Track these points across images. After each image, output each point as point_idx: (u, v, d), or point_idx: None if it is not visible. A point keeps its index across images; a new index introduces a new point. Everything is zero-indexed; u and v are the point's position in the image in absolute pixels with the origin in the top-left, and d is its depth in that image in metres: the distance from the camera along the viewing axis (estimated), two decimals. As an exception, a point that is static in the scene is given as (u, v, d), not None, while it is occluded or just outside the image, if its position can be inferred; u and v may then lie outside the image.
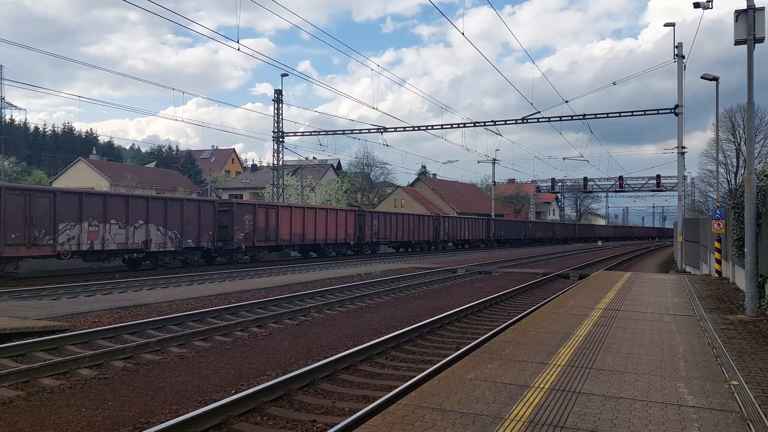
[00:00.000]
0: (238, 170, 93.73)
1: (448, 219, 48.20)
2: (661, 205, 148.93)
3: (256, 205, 28.09)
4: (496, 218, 60.73)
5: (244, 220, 26.55)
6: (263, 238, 27.89)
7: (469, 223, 51.54)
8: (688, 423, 4.63)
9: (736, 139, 50.26)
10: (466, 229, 50.64)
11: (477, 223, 53.46)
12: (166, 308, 12.78)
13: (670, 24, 27.18)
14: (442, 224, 45.87)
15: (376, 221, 37.68)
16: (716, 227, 16.64)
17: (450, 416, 4.69)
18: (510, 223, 62.73)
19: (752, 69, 10.69)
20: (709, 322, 9.57)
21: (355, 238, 35.45)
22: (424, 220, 44.25)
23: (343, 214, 34.67)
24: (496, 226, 57.26)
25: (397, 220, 40.52)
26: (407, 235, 41.62)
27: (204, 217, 24.60)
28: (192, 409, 6.03)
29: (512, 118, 37.89)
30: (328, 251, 33.79)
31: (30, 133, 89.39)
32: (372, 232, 37.14)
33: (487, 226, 55.17)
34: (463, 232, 49.91)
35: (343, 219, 34.40)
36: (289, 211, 30.07)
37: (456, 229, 48.38)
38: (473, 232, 51.92)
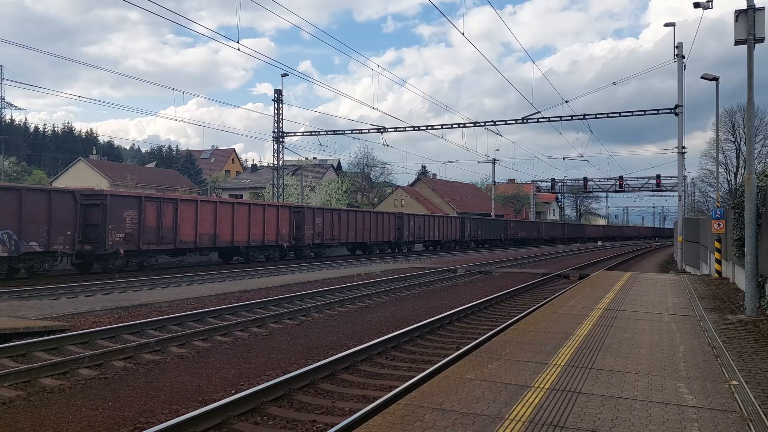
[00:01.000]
0: (238, 170, 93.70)
1: (414, 217, 43.75)
2: (661, 205, 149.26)
3: (143, 197, 22.74)
4: (472, 216, 55.91)
5: (123, 217, 21.38)
6: (154, 240, 22.54)
7: (439, 223, 47.08)
8: (688, 423, 4.63)
9: (736, 139, 50.27)
10: (436, 228, 46.12)
11: (449, 222, 48.84)
12: (166, 308, 12.78)
13: (670, 24, 27.21)
14: (407, 223, 41.90)
15: (319, 219, 32.80)
16: (716, 227, 16.64)
17: (450, 416, 4.69)
18: (488, 222, 57.54)
19: (752, 69, 10.69)
20: (709, 322, 9.57)
21: (291, 239, 30.54)
22: (383, 219, 39.78)
23: (273, 210, 29.23)
24: (472, 225, 52.55)
25: (348, 218, 35.65)
26: (362, 235, 36.80)
27: (59, 212, 19.18)
28: (192, 409, 6.03)
29: (512, 118, 37.93)
30: (253, 255, 28.49)
31: (30, 133, 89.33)
32: (314, 232, 32.33)
33: (461, 226, 50.49)
34: (432, 232, 45.40)
35: (274, 216, 29.11)
36: (193, 206, 24.38)
37: (424, 229, 44.10)
38: (444, 232, 47.40)
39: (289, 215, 30.08)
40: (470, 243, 52.80)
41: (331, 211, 34.56)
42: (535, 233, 68.79)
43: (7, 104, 78.25)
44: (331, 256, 36.11)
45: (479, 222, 55.04)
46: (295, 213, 30.62)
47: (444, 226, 47.65)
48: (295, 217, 30.82)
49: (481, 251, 48.08)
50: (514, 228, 62.13)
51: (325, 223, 33.09)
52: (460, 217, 52.69)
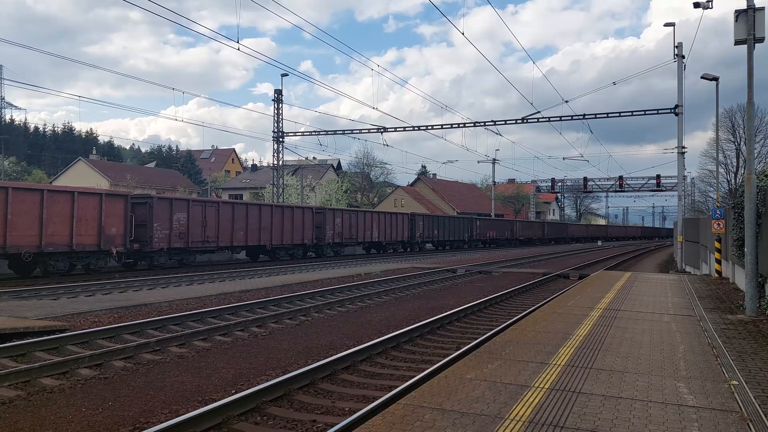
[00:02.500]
0: (238, 170, 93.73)
1: (342, 213, 34.52)
2: (661, 205, 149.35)
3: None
4: (426, 215, 47.35)
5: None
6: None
7: (378, 220, 37.72)
8: (688, 423, 4.63)
9: (736, 139, 50.31)
10: (375, 227, 37.09)
11: (393, 220, 39.78)
12: (166, 308, 12.78)
13: (670, 24, 27.20)
14: (330, 221, 32.71)
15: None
16: (716, 227, 16.64)
17: (450, 416, 4.69)
18: (448, 221, 48.66)
19: (752, 69, 10.69)
20: (709, 322, 9.57)
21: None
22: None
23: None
24: (425, 224, 44.17)
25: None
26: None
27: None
28: (192, 409, 6.03)
29: (512, 118, 37.92)
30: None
31: (30, 133, 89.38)
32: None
33: (411, 225, 41.92)
34: (368, 232, 36.35)
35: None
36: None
37: (355, 228, 35.07)
38: (387, 233, 38.69)
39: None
40: (420, 244, 44.39)
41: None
42: (508, 233, 61.15)
43: (7, 104, 78.29)
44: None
45: (436, 220, 46.22)
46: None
47: (386, 225, 39.43)
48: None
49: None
50: (482, 227, 54.59)
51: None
52: (409, 215, 42.86)
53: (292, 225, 29.78)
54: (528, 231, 66.96)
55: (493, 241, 58.00)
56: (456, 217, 51.67)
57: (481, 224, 54.56)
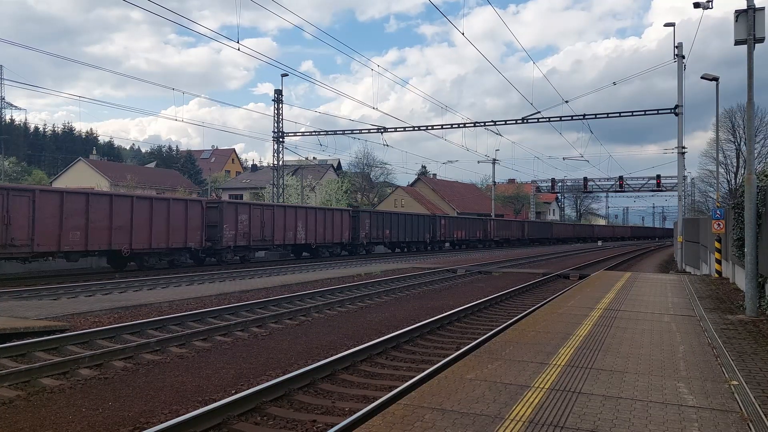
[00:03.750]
0: (238, 170, 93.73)
1: (266, 210, 28.43)
2: (661, 205, 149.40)
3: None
4: (374, 212, 40.45)
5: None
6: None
7: (305, 218, 30.93)
8: (688, 423, 4.63)
9: (736, 139, 50.35)
10: (301, 226, 30.65)
11: (328, 217, 33.07)
12: (166, 308, 12.78)
13: (670, 24, 27.22)
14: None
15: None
16: (716, 227, 16.63)
17: (450, 416, 4.69)
18: (404, 219, 41.50)
19: (752, 69, 10.69)
20: (709, 322, 9.57)
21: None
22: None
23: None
24: (373, 222, 37.07)
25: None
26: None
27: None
28: (192, 409, 6.03)
29: (512, 118, 37.93)
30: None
31: (30, 133, 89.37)
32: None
33: (355, 223, 35.21)
34: (289, 233, 29.77)
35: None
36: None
37: (278, 228, 28.82)
38: (319, 233, 32.12)
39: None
40: (365, 247, 38.34)
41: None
42: (479, 233, 53.68)
43: (7, 104, 78.24)
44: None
45: (386, 218, 39.33)
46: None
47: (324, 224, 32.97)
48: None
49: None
50: (448, 226, 47.56)
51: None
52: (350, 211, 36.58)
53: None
54: (505, 231, 60.44)
55: (462, 243, 51.68)
56: (414, 215, 45.33)
57: (447, 223, 48.06)
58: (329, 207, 38.75)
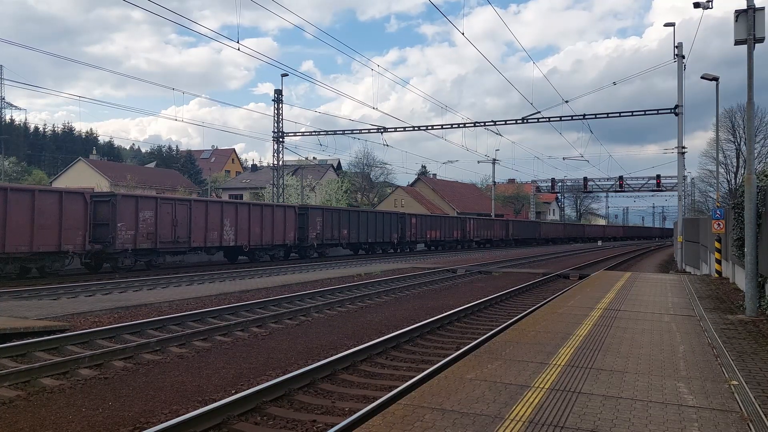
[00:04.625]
0: (238, 170, 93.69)
1: (180, 205, 23.90)
2: (661, 205, 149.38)
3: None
4: (327, 209, 35.40)
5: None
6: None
7: (242, 216, 26.78)
8: (688, 423, 4.63)
9: (736, 139, 50.35)
10: (230, 225, 26.05)
11: (269, 215, 28.77)
12: (166, 308, 12.78)
13: (670, 24, 27.22)
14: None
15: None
16: (716, 227, 16.63)
17: (450, 416, 4.69)
18: (365, 218, 37.28)
19: (752, 69, 10.69)
20: (709, 322, 9.57)
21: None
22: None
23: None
24: (327, 221, 33.07)
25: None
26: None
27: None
28: (192, 409, 6.03)
29: (512, 118, 37.93)
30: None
31: (30, 133, 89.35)
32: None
33: (302, 222, 31.30)
34: (213, 233, 25.19)
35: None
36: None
37: (197, 227, 24.47)
38: (256, 233, 27.74)
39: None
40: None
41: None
42: (457, 233, 48.69)
43: (7, 104, 78.22)
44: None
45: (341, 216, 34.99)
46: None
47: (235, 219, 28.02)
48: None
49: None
50: (420, 226, 43.43)
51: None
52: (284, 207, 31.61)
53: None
54: (486, 231, 55.41)
55: (437, 244, 47.48)
56: (380, 213, 41.22)
57: (418, 222, 43.81)
58: (268, 203, 33.69)
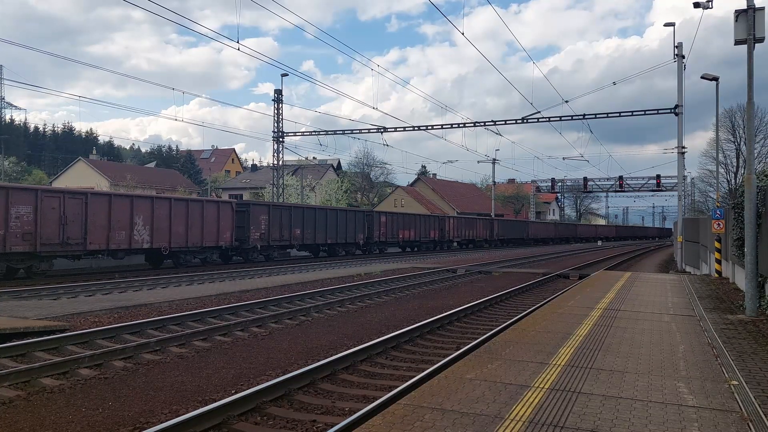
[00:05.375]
0: (238, 170, 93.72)
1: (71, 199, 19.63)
2: (661, 205, 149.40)
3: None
4: (278, 206, 30.67)
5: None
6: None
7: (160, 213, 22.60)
8: (688, 423, 4.63)
9: (736, 139, 50.29)
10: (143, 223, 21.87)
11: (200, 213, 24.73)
12: (166, 308, 12.77)
13: (670, 24, 27.21)
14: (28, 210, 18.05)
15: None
16: (716, 227, 16.63)
17: (450, 416, 4.69)
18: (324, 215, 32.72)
19: (752, 69, 10.70)
20: (709, 322, 9.57)
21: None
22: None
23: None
24: (274, 220, 28.96)
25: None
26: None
27: None
28: (192, 409, 6.03)
29: (512, 118, 37.90)
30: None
31: (30, 133, 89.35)
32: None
33: (241, 220, 27.37)
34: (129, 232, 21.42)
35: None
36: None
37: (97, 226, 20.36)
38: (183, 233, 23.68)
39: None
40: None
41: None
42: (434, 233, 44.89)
43: (7, 104, 78.25)
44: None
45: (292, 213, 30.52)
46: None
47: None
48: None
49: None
50: (391, 226, 39.18)
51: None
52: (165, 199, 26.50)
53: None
54: (468, 230, 50.23)
55: (411, 245, 43.18)
56: (342, 210, 36.30)
57: (388, 221, 38.88)
58: (196, 198, 29.23)
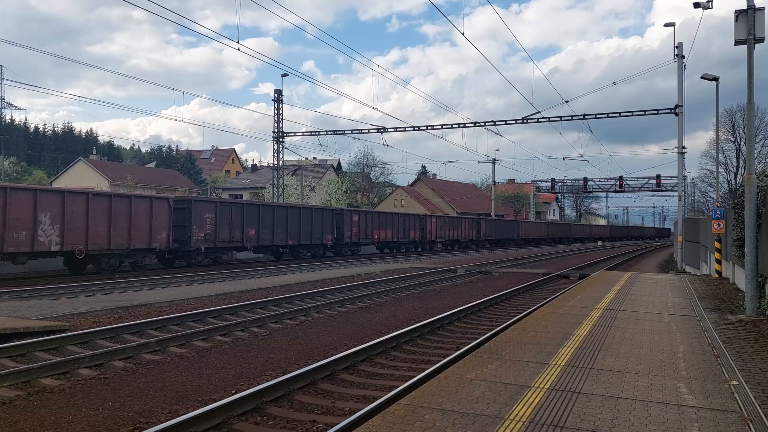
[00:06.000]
0: (238, 170, 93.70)
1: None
2: (661, 205, 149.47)
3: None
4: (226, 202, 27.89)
5: None
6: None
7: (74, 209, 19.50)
8: (688, 423, 4.63)
9: (736, 139, 50.29)
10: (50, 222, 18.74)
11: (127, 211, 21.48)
12: (166, 308, 12.77)
13: (670, 24, 27.24)
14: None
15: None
16: (716, 227, 16.64)
17: (450, 416, 4.69)
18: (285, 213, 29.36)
19: (752, 69, 10.70)
20: (709, 322, 9.57)
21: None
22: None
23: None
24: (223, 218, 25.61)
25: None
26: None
27: None
28: (192, 409, 6.03)
29: (512, 118, 37.90)
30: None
31: (30, 133, 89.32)
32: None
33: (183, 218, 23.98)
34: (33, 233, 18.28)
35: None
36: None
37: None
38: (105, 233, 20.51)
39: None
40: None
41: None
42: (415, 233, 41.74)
43: (7, 104, 78.17)
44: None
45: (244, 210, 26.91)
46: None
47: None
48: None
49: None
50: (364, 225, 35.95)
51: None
52: None
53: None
54: (452, 231, 47.74)
55: (389, 246, 40.36)
56: (306, 208, 32.42)
57: (362, 220, 35.51)
58: (123, 193, 25.35)
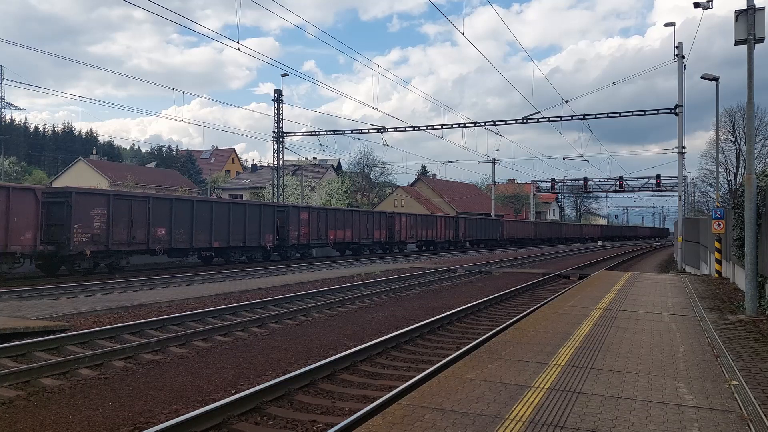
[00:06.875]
0: (238, 170, 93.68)
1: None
2: (661, 205, 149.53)
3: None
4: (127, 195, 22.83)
5: None
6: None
7: None
8: (688, 423, 4.63)
9: (736, 139, 50.24)
10: None
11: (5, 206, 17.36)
12: (166, 308, 12.77)
13: (670, 24, 27.24)
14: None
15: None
16: (716, 227, 16.64)
17: (450, 416, 4.69)
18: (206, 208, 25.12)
19: (752, 69, 10.70)
20: (709, 322, 9.57)
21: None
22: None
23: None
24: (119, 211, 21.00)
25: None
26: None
27: None
28: (192, 409, 6.03)
29: (512, 118, 37.89)
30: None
31: (30, 133, 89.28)
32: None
33: (47, 213, 19.06)
34: None
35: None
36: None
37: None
38: None
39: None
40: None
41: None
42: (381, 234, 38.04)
43: (7, 104, 78.15)
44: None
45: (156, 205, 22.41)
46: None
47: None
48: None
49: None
50: (317, 224, 32.24)
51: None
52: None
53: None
54: (425, 231, 43.27)
55: (349, 247, 36.34)
56: (238, 204, 28.77)
57: (314, 218, 31.93)
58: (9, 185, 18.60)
